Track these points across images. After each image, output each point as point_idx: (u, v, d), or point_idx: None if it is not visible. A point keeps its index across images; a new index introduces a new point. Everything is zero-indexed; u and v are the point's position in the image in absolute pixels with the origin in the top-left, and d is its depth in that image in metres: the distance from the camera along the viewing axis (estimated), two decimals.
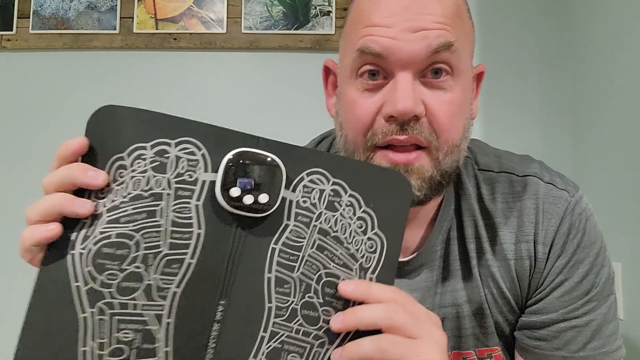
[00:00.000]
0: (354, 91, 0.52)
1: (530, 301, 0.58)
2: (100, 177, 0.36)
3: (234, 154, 0.38)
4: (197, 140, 0.38)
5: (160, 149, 0.37)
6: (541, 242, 0.56)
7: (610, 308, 0.56)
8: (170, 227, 0.37)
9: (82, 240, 0.36)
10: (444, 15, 0.50)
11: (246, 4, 1.46)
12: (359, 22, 0.52)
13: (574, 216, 0.56)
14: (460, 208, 0.59)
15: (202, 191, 0.38)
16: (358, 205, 0.41)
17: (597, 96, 1.29)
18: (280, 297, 0.39)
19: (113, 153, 0.37)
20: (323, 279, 0.40)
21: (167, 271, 0.37)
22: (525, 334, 0.57)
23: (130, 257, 0.36)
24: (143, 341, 0.36)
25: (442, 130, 0.50)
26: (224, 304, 0.37)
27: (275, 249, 0.39)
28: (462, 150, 0.54)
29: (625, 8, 1.18)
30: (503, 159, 0.62)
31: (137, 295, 0.36)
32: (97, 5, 1.46)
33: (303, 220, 0.39)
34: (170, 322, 0.37)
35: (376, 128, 0.51)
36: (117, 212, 0.37)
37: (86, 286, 0.36)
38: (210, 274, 0.37)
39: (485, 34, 1.46)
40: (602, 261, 0.56)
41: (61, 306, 0.36)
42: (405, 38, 0.48)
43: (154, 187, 0.37)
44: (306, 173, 0.40)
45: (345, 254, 0.40)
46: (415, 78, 0.50)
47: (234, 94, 1.46)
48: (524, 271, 0.57)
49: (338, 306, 0.40)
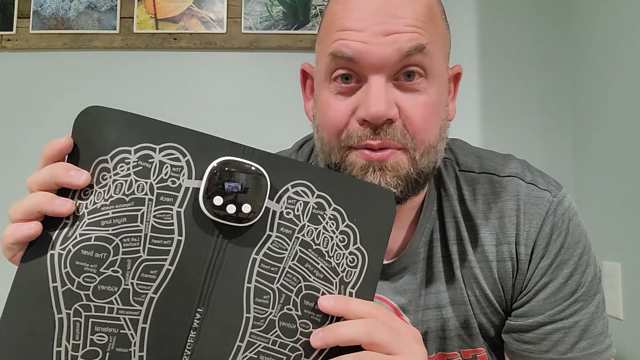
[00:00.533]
0: (328, 94, 0.52)
1: (515, 304, 0.57)
2: (82, 177, 0.36)
3: (219, 162, 0.37)
4: (182, 147, 0.38)
5: (144, 153, 0.37)
6: (523, 244, 0.56)
7: (597, 307, 0.56)
8: (150, 233, 0.37)
9: (62, 240, 0.36)
10: (416, 18, 0.50)
11: (246, 4, 1.46)
12: (332, 26, 0.52)
13: (556, 216, 0.56)
14: (442, 209, 0.59)
15: (184, 198, 0.38)
16: (341, 219, 0.40)
17: (597, 97, 1.29)
18: (259, 307, 0.38)
19: (97, 155, 0.37)
20: (303, 291, 0.39)
21: (145, 276, 0.37)
22: (512, 337, 0.57)
23: (109, 261, 0.36)
24: (117, 345, 0.36)
25: (417, 132, 0.50)
26: (201, 311, 0.37)
27: (256, 259, 0.39)
28: (439, 151, 0.54)
29: (625, 9, 1.18)
30: (484, 159, 0.61)
31: (113, 299, 0.36)
32: (97, 5, 1.46)
33: (285, 231, 0.39)
34: (145, 327, 0.37)
35: (351, 131, 0.51)
36: (97, 215, 0.37)
37: (63, 287, 0.36)
38: (188, 281, 0.37)
39: (485, 34, 1.46)
40: (586, 260, 0.56)
41: (38, 305, 0.36)
42: (376, 42, 0.49)
43: (136, 191, 0.37)
44: (291, 185, 0.40)
45: (326, 268, 0.40)
46: (388, 81, 0.50)
47: (234, 94, 1.46)
48: (506, 273, 0.56)
49: (316, 319, 0.39)
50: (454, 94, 0.60)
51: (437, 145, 0.53)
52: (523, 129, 1.44)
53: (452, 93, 0.59)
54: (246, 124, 1.43)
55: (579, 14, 1.39)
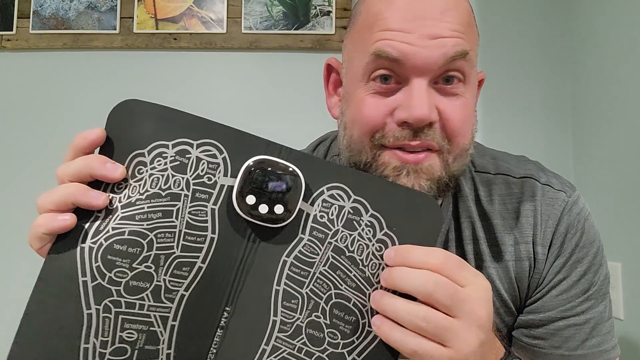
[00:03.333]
0: (364, 93, 0.52)
1: (529, 300, 0.58)
2: (119, 171, 0.36)
3: (254, 161, 0.37)
4: (220, 144, 0.37)
5: (181, 148, 0.37)
6: (540, 244, 0.56)
7: (606, 307, 0.57)
8: (184, 229, 0.36)
9: (94, 234, 0.36)
10: (460, 23, 0.50)
11: (246, 4, 1.45)
12: (374, 25, 0.51)
13: (571, 216, 0.57)
14: (457, 210, 0.59)
15: (219, 195, 0.37)
16: (379, 226, 0.39)
17: (598, 97, 1.29)
18: (286, 311, 0.37)
19: (133, 148, 0.37)
20: (333, 299, 0.38)
21: (177, 273, 0.36)
22: (523, 332, 0.57)
23: (142, 256, 0.36)
24: (146, 342, 0.36)
25: (455, 135, 0.50)
26: (229, 310, 0.37)
27: (286, 261, 0.38)
28: (469, 155, 0.55)
29: (626, 10, 1.17)
30: (499, 161, 0.62)
31: (144, 295, 0.36)
32: (97, 5, 1.45)
33: (318, 235, 0.38)
34: (174, 324, 0.36)
35: (387, 131, 0.50)
36: (132, 209, 0.36)
37: (94, 282, 0.35)
38: (219, 279, 0.37)
39: (486, 34, 1.45)
40: (600, 260, 0.57)
41: (66, 300, 0.35)
42: (422, 44, 0.48)
43: (173, 186, 0.37)
44: (327, 187, 0.38)
45: (359, 277, 0.38)
46: (429, 84, 0.50)
47: (234, 94, 1.46)
48: (523, 272, 0.57)
49: (345, 331, 0.38)
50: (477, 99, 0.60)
51: (469, 149, 0.53)
52: (524, 128, 1.44)
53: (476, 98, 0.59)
54: (246, 124, 1.42)
55: (580, 13, 1.39)
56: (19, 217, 1.40)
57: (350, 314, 0.38)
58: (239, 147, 0.38)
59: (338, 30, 1.44)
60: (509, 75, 1.45)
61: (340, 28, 1.44)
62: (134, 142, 0.37)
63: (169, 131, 0.37)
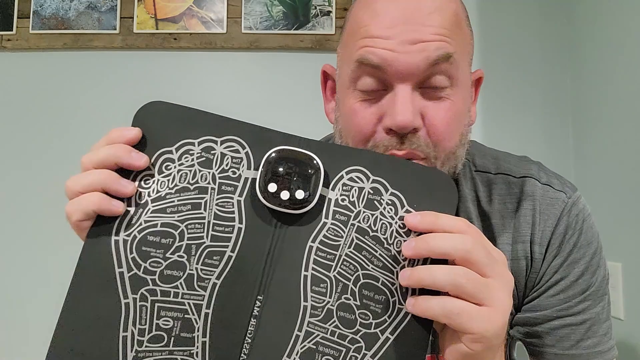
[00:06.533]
0: (353, 101, 0.52)
1: (526, 299, 0.58)
2: (143, 159, 0.38)
3: (275, 151, 0.39)
4: (242, 139, 0.39)
5: (206, 145, 0.39)
6: (537, 243, 0.56)
7: (604, 308, 0.57)
8: (213, 220, 0.38)
9: (126, 227, 0.38)
10: (443, 26, 0.49)
11: (246, 4, 1.45)
12: (357, 32, 0.52)
13: (570, 217, 0.57)
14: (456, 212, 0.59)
15: (244, 187, 0.39)
16: (400, 204, 0.39)
17: (598, 96, 1.29)
18: (316, 296, 0.38)
19: (161, 146, 0.39)
20: (361, 280, 0.39)
21: (208, 262, 0.38)
22: (519, 330, 0.58)
23: (175, 246, 0.38)
24: (182, 329, 0.37)
25: (440, 140, 0.50)
26: (261, 299, 0.38)
27: (312, 247, 0.39)
28: (459, 157, 0.54)
29: (626, 8, 1.17)
30: (500, 161, 0.62)
31: (178, 283, 0.37)
32: (97, 5, 1.45)
33: (341, 218, 0.39)
34: (208, 312, 0.37)
35: (377, 140, 0.51)
36: (163, 202, 0.38)
37: (130, 272, 0.37)
38: (249, 268, 0.38)
39: (486, 34, 1.46)
40: (598, 261, 0.57)
41: (104, 291, 0.37)
42: (403, 50, 0.48)
43: (200, 180, 0.39)
44: (345, 171, 0.40)
45: (385, 256, 0.39)
46: (414, 89, 0.50)
47: (234, 94, 1.46)
48: (519, 271, 0.57)
49: (377, 310, 0.38)
50: (475, 98, 0.60)
51: (457, 152, 0.53)
52: (524, 126, 1.44)
53: (473, 97, 0.59)
54: None
55: (580, 10, 1.39)
56: (19, 216, 1.40)
57: (380, 293, 0.39)
58: (260, 141, 0.39)
59: (338, 30, 1.44)
60: (509, 74, 1.45)
61: (340, 28, 1.44)
62: (160, 141, 0.39)
63: (194, 130, 0.40)
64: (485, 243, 0.38)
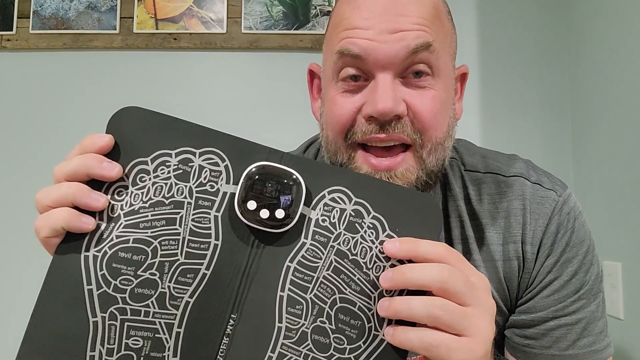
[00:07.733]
0: (335, 93, 0.53)
1: (520, 301, 0.58)
2: (115, 170, 0.36)
3: (256, 167, 0.37)
4: (222, 152, 0.37)
5: (184, 157, 0.37)
6: (529, 243, 0.56)
7: (598, 306, 0.56)
8: (188, 236, 0.37)
9: (97, 242, 0.36)
10: (422, 16, 0.50)
11: (246, 4, 1.45)
12: (339, 25, 0.52)
13: (561, 215, 0.56)
14: (447, 209, 0.59)
15: (222, 202, 0.37)
16: (382, 228, 0.38)
17: (597, 96, 1.29)
18: (291, 317, 0.37)
19: (136, 156, 0.37)
20: (337, 304, 0.37)
21: (182, 280, 0.36)
22: (514, 332, 0.57)
23: (147, 264, 0.36)
24: (152, 349, 0.36)
25: (426, 127, 0.50)
26: (235, 317, 0.37)
27: (290, 267, 0.37)
28: (447, 148, 0.54)
29: (625, 7, 1.17)
30: (489, 159, 0.62)
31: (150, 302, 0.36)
32: (97, 5, 1.45)
33: (320, 239, 0.38)
34: (180, 331, 0.36)
35: (356, 127, 0.51)
36: (136, 217, 0.36)
37: (99, 290, 0.35)
38: (224, 286, 0.37)
39: (485, 33, 1.46)
40: (591, 259, 0.56)
41: (72, 309, 0.35)
42: (383, 39, 0.49)
43: (176, 194, 0.37)
44: (328, 191, 0.38)
45: (363, 280, 0.38)
46: (396, 78, 0.50)
47: (234, 94, 1.46)
48: (512, 272, 0.57)
49: (352, 335, 0.37)
50: (461, 94, 0.60)
51: (445, 143, 0.53)
52: (523, 127, 1.44)
53: (458, 93, 0.59)
54: (246, 124, 1.43)
55: (579, 11, 1.39)
56: (18, 217, 1.40)
57: (356, 319, 0.38)
58: (241, 154, 0.38)
59: None
60: (508, 72, 1.45)
61: None
62: (135, 150, 0.37)
63: (171, 140, 0.37)
64: (466, 269, 0.37)
